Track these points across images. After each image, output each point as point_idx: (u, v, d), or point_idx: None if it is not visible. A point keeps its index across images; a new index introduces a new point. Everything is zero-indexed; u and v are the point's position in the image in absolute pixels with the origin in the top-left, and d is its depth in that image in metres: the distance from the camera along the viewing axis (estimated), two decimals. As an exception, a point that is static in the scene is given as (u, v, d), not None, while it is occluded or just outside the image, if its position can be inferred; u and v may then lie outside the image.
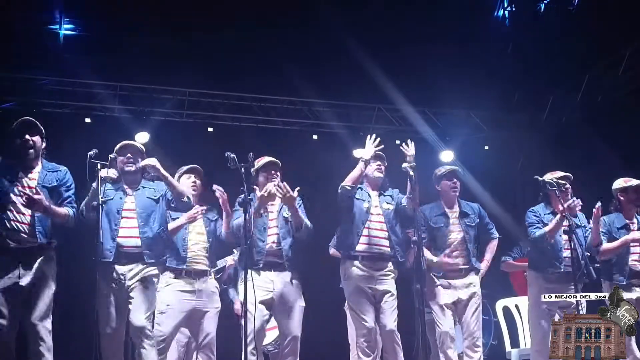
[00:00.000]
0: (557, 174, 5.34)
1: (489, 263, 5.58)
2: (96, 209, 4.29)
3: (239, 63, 7.68)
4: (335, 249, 5.77)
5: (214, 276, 5.25)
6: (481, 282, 7.95)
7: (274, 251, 4.93)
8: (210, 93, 8.26)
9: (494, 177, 8.67)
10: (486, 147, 9.22)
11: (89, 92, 7.93)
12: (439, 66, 7.73)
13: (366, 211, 5.16)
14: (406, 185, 5.06)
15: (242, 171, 4.57)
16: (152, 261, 4.53)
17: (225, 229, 5.06)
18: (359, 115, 8.76)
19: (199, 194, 5.22)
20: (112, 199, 4.60)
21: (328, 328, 6.90)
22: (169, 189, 4.67)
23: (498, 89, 8.57)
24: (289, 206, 4.91)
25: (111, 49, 7.50)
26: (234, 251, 5.98)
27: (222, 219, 5.14)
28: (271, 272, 4.90)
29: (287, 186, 4.83)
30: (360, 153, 8.12)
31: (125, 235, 4.54)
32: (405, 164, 4.99)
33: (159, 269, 4.63)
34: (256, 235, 4.90)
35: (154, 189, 4.69)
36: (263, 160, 5.03)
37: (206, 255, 5.10)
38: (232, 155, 4.55)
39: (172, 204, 4.70)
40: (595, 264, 5.29)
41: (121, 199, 4.62)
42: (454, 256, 5.34)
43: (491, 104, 8.79)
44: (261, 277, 4.86)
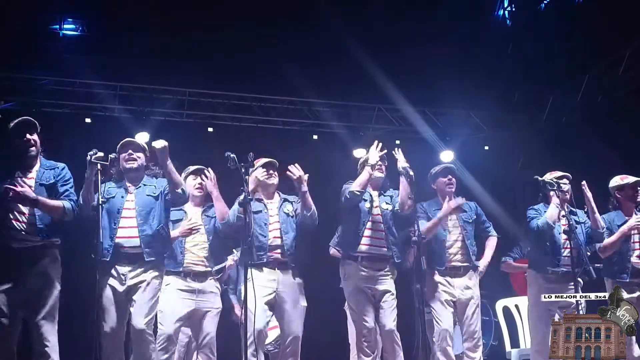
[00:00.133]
0: (556, 174, 5.34)
1: (489, 260, 5.52)
2: (96, 209, 4.28)
3: (239, 63, 7.67)
4: (335, 249, 5.77)
5: (214, 276, 5.25)
6: (481, 282, 7.96)
7: (276, 246, 4.93)
8: (210, 93, 8.26)
9: (494, 177, 8.67)
10: (486, 147, 9.23)
11: (89, 92, 7.93)
12: (439, 66, 7.73)
13: (367, 211, 5.17)
14: (401, 184, 5.07)
15: (242, 171, 4.57)
16: (152, 259, 4.50)
17: (219, 218, 5.00)
18: (359, 115, 8.76)
19: (205, 195, 5.20)
20: (114, 197, 4.59)
21: (328, 328, 6.90)
22: (166, 176, 4.58)
23: (498, 89, 8.57)
24: (300, 187, 4.91)
25: (111, 49, 7.50)
26: (233, 251, 5.97)
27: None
28: (274, 270, 4.90)
29: (297, 166, 4.92)
30: (360, 153, 8.22)
31: (124, 235, 4.52)
32: (400, 165, 5.00)
33: (160, 267, 4.60)
34: (257, 231, 4.90)
35: (154, 185, 4.66)
36: (260, 162, 5.04)
37: (206, 255, 5.06)
38: (232, 155, 4.54)
39: (167, 196, 4.62)
40: (595, 263, 5.29)
41: (123, 197, 4.60)
42: (453, 252, 5.32)
43: (491, 104, 8.79)
44: (264, 276, 4.86)
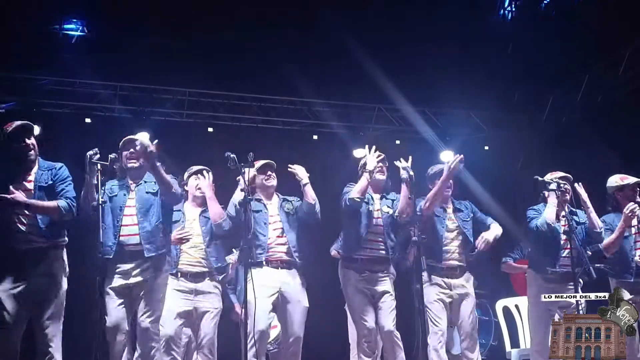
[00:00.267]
0: (557, 174, 5.32)
1: (497, 232, 5.23)
2: (96, 209, 4.27)
3: (239, 63, 7.68)
4: (336, 251, 5.77)
5: (218, 275, 5.23)
6: (481, 282, 7.97)
7: (279, 245, 4.94)
8: (210, 93, 8.27)
9: (494, 177, 8.67)
10: (486, 147, 9.24)
11: (89, 92, 7.94)
12: (439, 66, 7.74)
13: (368, 214, 5.16)
14: (402, 193, 5.07)
15: (242, 171, 4.56)
16: (153, 254, 4.49)
17: (213, 219, 4.98)
18: (359, 115, 8.76)
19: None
20: (117, 195, 4.60)
21: (328, 328, 6.90)
22: (155, 178, 4.56)
23: (498, 89, 8.58)
24: (303, 181, 4.96)
25: (111, 49, 7.50)
26: (233, 250, 5.97)
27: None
28: (278, 270, 4.89)
29: (297, 166, 5.02)
30: (360, 153, 8.20)
31: (126, 233, 4.53)
32: (403, 172, 5.00)
33: (162, 264, 4.57)
34: (257, 230, 4.89)
35: (153, 182, 4.65)
36: (260, 163, 5.05)
37: (203, 256, 5.06)
38: (232, 155, 4.54)
39: (162, 197, 4.61)
40: (595, 263, 5.28)
41: (125, 195, 4.61)
42: (450, 251, 5.28)
43: (491, 104, 8.80)
44: (267, 275, 4.84)
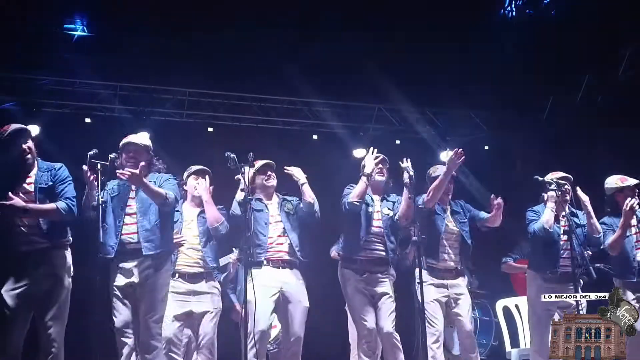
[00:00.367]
0: (557, 174, 5.30)
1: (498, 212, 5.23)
2: (96, 209, 4.27)
3: (239, 63, 7.67)
4: (336, 252, 5.76)
5: (219, 274, 5.23)
6: (481, 282, 7.98)
7: (279, 246, 4.94)
8: (210, 93, 8.27)
9: (494, 177, 8.67)
10: (486, 147, 9.23)
11: (89, 92, 7.94)
12: (439, 66, 7.73)
13: (368, 216, 5.15)
14: (403, 197, 5.05)
15: (242, 171, 4.56)
16: (151, 253, 4.48)
17: (210, 223, 4.97)
18: (359, 115, 8.77)
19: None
20: (118, 195, 4.60)
21: (328, 328, 6.90)
22: (147, 195, 4.51)
23: (498, 89, 8.57)
24: (300, 181, 4.97)
25: (111, 49, 7.49)
26: (233, 250, 5.97)
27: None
28: (279, 269, 4.89)
29: (294, 168, 5.02)
30: (360, 153, 8.23)
31: (127, 232, 4.53)
32: (405, 176, 4.97)
33: (164, 262, 4.56)
34: (257, 229, 4.89)
35: (154, 181, 4.63)
36: (259, 163, 5.04)
37: (200, 257, 5.05)
38: (232, 155, 4.53)
39: (159, 207, 4.57)
40: (595, 264, 5.28)
41: (126, 195, 4.60)
42: (448, 252, 5.28)
43: (491, 104, 8.79)
44: (268, 275, 4.84)
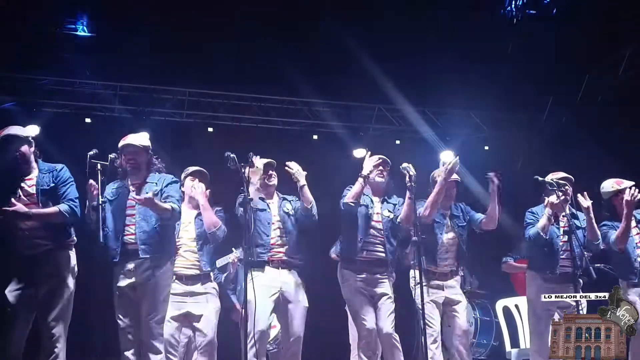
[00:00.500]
0: (558, 174, 5.27)
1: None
2: (96, 209, 4.27)
3: (238, 63, 7.67)
4: (335, 255, 5.76)
5: (219, 274, 5.23)
6: (481, 282, 7.98)
7: (280, 246, 4.93)
8: (210, 93, 8.27)
9: (494, 177, 8.66)
10: (486, 147, 9.24)
11: (89, 92, 7.95)
12: (439, 66, 7.72)
13: (367, 218, 5.13)
14: (408, 197, 5.02)
15: (242, 171, 4.56)
16: (147, 256, 4.46)
17: (207, 228, 4.94)
18: (359, 115, 8.77)
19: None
20: (118, 198, 4.58)
21: (328, 328, 6.90)
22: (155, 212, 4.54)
23: (498, 89, 8.56)
24: (300, 182, 4.91)
25: (111, 49, 7.49)
26: (232, 250, 5.97)
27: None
28: (278, 270, 4.89)
29: (294, 164, 4.93)
30: (360, 153, 8.22)
31: (127, 233, 4.52)
32: (408, 180, 4.96)
33: (164, 264, 4.54)
34: (260, 229, 4.88)
35: (155, 183, 4.63)
36: (260, 163, 4.97)
37: (197, 260, 5.03)
38: (232, 155, 4.53)
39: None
40: (595, 264, 5.27)
41: (125, 197, 4.59)
42: (445, 257, 5.32)
43: (491, 104, 8.79)
44: (268, 275, 4.84)
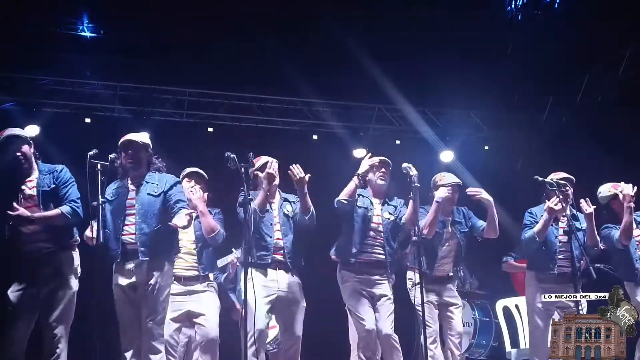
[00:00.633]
0: (560, 174, 5.26)
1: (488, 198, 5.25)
2: (96, 209, 4.27)
3: (239, 63, 7.67)
4: (335, 256, 5.75)
5: (213, 277, 5.24)
6: (481, 282, 7.98)
7: (278, 248, 4.91)
8: (210, 93, 8.27)
9: (494, 177, 8.66)
10: (486, 147, 9.24)
11: (89, 92, 7.95)
12: (439, 66, 7.72)
13: (367, 220, 5.12)
14: (409, 197, 5.01)
15: (242, 171, 4.55)
16: (147, 259, 4.44)
17: (206, 233, 4.94)
18: (359, 115, 8.76)
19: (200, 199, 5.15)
20: (117, 199, 4.57)
21: (328, 328, 6.89)
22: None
23: (498, 89, 8.57)
24: (299, 189, 4.86)
25: (111, 49, 7.50)
26: (232, 250, 5.96)
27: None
28: (276, 270, 4.87)
29: (299, 167, 4.83)
30: (360, 153, 8.22)
31: (127, 232, 4.51)
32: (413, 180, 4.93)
33: (163, 265, 4.52)
34: (263, 230, 4.86)
35: (156, 184, 4.60)
36: (261, 161, 5.00)
37: (196, 261, 5.05)
38: (232, 155, 4.51)
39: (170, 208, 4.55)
40: (595, 264, 5.27)
41: (124, 197, 4.58)
42: (444, 263, 5.36)
43: (491, 104, 8.80)
44: (265, 276, 4.82)
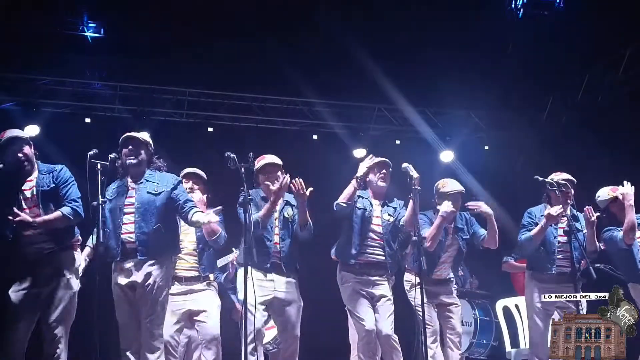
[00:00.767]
0: (561, 175, 5.24)
1: (489, 211, 5.25)
2: (96, 209, 4.27)
3: (239, 63, 7.68)
4: (335, 256, 5.75)
5: (214, 277, 5.24)
6: (481, 282, 7.98)
7: (276, 252, 4.90)
8: (210, 93, 8.27)
9: (494, 177, 8.68)
10: (486, 147, 9.25)
11: (89, 92, 7.95)
12: (439, 66, 7.73)
13: (366, 221, 5.12)
14: (409, 197, 4.98)
15: (242, 171, 4.54)
16: (144, 257, 4.43)
17: (207, 236, 4.96)
18: (359, 115, 8.77)
19: (198, 200, 5.11)
20: (116, 198, 4.56)
21: (328, 328, 6.90)
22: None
23: (498, 89, 8.57)
24: (299, 203, 4.84)
25: (111, 49, 7.50)
26: (232, 250, 5.96)
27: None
28: (272, 273, 4.87)
29: (302, 182, 4.78)
30: (360, 153, 8.22)
31: (126, 231, 4.50)
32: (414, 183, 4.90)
33: (163, 264, 4.51)
34: (264, 234, 4.86)
35: (156, 182, 4.59)
36: (263, 161, 4.97)
37: (197, 262, 5.06)
38: (232, 155, 4.50)
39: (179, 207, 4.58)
40: (595, 264, 5.26)
41: (123, 195, 4.56)
42: (442, 267, 5.38)
43: (491, 104, 8.80)
44: (261, 277, 4.80)
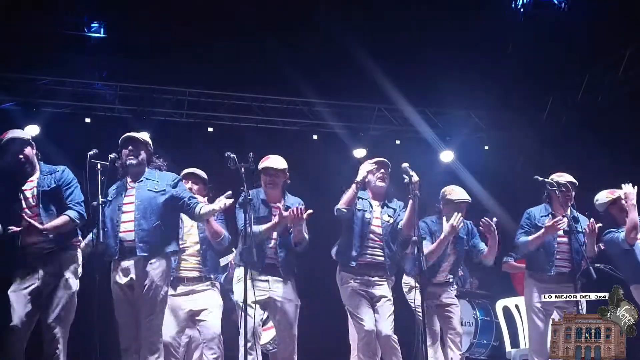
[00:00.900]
0: (563, 177, 5.20)
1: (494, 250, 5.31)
2: (96, 209, 4.27)
3: (239, 63, 7.68)
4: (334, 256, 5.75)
5: (214, 277, 5.25)
6: (481, 282, 7.99)
7: (273, 258, 4.89)
8: (210, 93, 8.27)
9: (494, 177, 8.68)
10: (486, 147, 9.25)
11: (89, 92, 7.95)
12: (439, 66, 7.73)
13: (366, 222, 5.10)
14: (408, 197, 4.94)
15: (242, 171, 4.54)
16: (145, 254, 4.42)
17: (211, 238, 4.97)
18: (359, 115, 8.77)
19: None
20: (115, 198, 4.56)
21: (328, 328, 6.90)
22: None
23: (498, 89, 8.58)
24: (296, 225, 4.79)
25: (111, 49, 7.51)
26: (232, 250, 5.97)
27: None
28: (267, 274, 4.84)
29: (301, 211, 4.71)
30: (360, 153, 8.22)
31: (124, 229, 4.49)
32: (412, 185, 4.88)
33: (162, 263, 4.49)
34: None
35: (156, 181, 4.59)
36: (266, 162, 4.95)
37: (199, 262, 5.06)
38: (232, 155, 4.50)
39: (180, 203, 4.59)
40: (595, 264, 5.26)
41: (122, 194, 4.56)
42: (442, 271, 5.41)
43: (491, 104, 8.80)
44: (257, 277, 4.81)
